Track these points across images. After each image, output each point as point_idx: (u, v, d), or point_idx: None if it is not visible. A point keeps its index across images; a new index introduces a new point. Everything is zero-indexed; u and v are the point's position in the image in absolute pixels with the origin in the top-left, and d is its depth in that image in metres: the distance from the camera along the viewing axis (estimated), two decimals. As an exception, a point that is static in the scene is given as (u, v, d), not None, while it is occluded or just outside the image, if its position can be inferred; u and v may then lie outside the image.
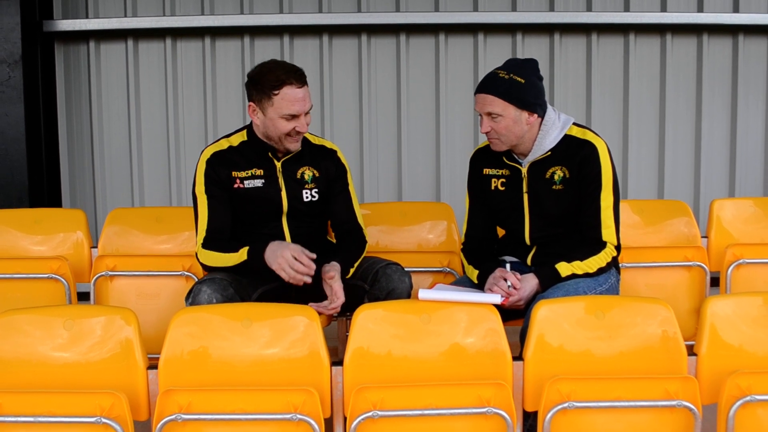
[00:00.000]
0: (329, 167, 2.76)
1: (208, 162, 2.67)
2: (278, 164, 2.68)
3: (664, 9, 4.69)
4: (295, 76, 2.56)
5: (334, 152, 2.80)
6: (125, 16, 4.71)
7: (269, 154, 2.68)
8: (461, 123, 4.75)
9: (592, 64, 4.72)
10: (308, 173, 2.72)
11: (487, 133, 2.55)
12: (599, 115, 4.72)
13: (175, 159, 4.76)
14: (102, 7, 4.73)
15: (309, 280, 2.47)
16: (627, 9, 4.69)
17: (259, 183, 2.67)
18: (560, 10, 4.68)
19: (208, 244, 2.61)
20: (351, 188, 2.81)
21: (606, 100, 4.77)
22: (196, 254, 2.64)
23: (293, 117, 2.57)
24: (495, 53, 4.64)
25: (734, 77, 4.75)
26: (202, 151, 2.72)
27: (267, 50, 4.67)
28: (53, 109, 4.65)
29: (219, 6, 4.72)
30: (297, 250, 2.46)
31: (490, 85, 2.53)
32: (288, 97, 2.54)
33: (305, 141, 2.72)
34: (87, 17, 4.71)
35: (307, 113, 2.61)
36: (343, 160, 2.81)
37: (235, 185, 2.65)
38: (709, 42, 4.73)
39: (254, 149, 2.69)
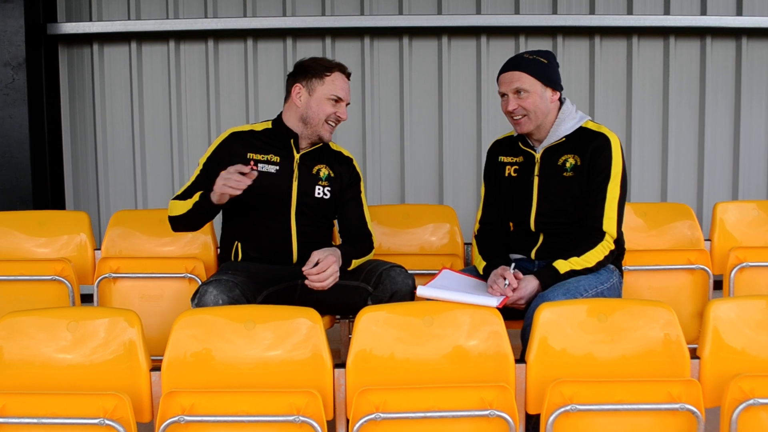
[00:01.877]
0: (344, 173, 2.82)
1: (226, 139, 2.78)
2: (297, 156, 2.73)
3: (667, 12, 4.70)
4: (345, 69, 2.80)
5: (350, 160, 2.88)
6: (129, 19, 4.72)
7: (291, 141, 2.74)
8: (464, 125, 4.76)
9: (594, 67, 4.72)
10: (324, 171, 2.78)
11: (513, 111, 2.61)
12: (602, 118, 4.72)
13: (178, 161, 4.77)
14: (106, 10, 4.74)
15: (247, 181, 2.48)
16: (630, 12, 4.70)
17: (272, 169, 2.72)
18: (563, 13, 4.69)
19: (176, 197, 2.70)
20: (363, 196, 2.86)
21: (609, 102, 4.77)
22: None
23: (338, 101, 2.72)
24: (498, 56, 4.64)
25: (737, 80, 4.75)
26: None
27: (270, 53, 4.69)
28: (57, 112, 4.66)
29: (222, 9, 4.73)
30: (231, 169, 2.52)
31: (516, 63, 2.63)
32: (338, 80, 2.74)
33: (325, 145, 2.79)
34: (91, 20, 4.72)
35: (346, 105, 2.77)
36: (358, 169, 2.88)
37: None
38: (713, 45, 4.73)
39: (277, 136, 2.77)
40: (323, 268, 2.49)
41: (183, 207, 2.65)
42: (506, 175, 2.74)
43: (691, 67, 4.76)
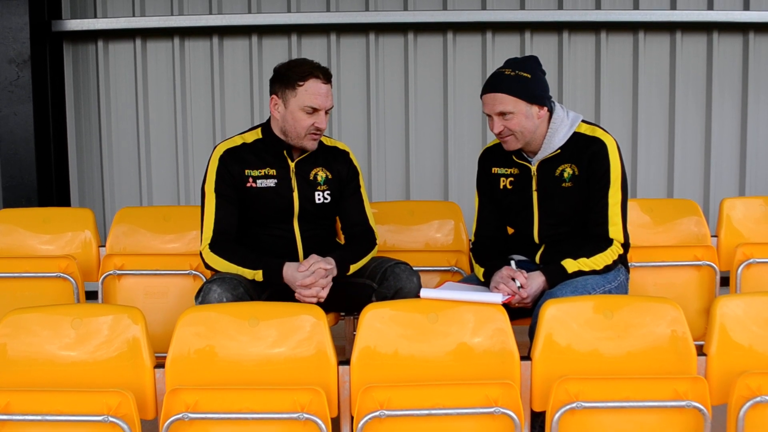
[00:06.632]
0: (341, 169, 2.76)
1: (221, 159, 2.66)
2: (292, 164, 2.68)
3: (673, 6, 4.67)
4: (323, 71, 2.62)
5: (347, 154, 2.81)
6: (133, 15, 4.72)
7: (284, 152, 2.68)
8: (469, 121, 4.74)
9: (601, 62, 4.70)
10: (321, 175, 2.73)
11: (499, 133, 2.54)
12: (608, 114, 4.70)
13: (183, 158, 4.77)
14: (110, 7, 4.74)
15: (323, 294, 2.47)
16: (636, 7, 4.67)
17: (271, 183, 2.66)
18: (569, 8, 4.66)
19: (215, 248, 2.60)
20: (363, 190, 2.81)
21: (615, 98, 4.74)
22: (201, 253, 2.63)
23: (314, 111, 2.58)
24: (503, 52, 4.62)
25: (744, 75, 4.72)
26: (215, 146, 2.72)
27: (275, 49, 4.68)
28: (62, 109, 4.67)
29: (227, 5, 4.72)
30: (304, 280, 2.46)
31: (497, 83, 2.52)
32: (312, 89, 2.58)
33: (319, 144, 2.72)
34: (95, 17, 4.72)
35: (327, 112, 2.63)
36: (355, 162, 2.82)
37: (248, 184, 2.65)
38: (720, 40, 4.70)
39: (269, 147, 2.69)
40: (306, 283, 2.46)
41: (236, 271, 2.54)
42: (501, 187, 2.67)
43: (698, 62, 4.73)
